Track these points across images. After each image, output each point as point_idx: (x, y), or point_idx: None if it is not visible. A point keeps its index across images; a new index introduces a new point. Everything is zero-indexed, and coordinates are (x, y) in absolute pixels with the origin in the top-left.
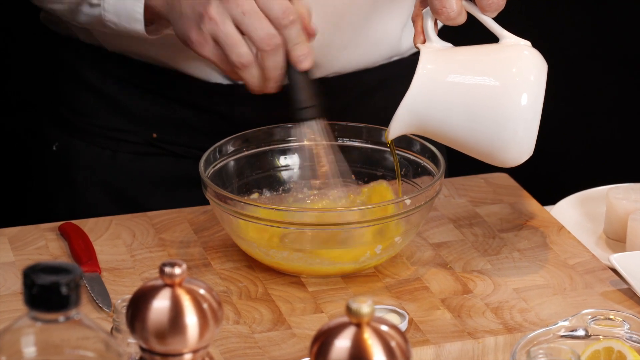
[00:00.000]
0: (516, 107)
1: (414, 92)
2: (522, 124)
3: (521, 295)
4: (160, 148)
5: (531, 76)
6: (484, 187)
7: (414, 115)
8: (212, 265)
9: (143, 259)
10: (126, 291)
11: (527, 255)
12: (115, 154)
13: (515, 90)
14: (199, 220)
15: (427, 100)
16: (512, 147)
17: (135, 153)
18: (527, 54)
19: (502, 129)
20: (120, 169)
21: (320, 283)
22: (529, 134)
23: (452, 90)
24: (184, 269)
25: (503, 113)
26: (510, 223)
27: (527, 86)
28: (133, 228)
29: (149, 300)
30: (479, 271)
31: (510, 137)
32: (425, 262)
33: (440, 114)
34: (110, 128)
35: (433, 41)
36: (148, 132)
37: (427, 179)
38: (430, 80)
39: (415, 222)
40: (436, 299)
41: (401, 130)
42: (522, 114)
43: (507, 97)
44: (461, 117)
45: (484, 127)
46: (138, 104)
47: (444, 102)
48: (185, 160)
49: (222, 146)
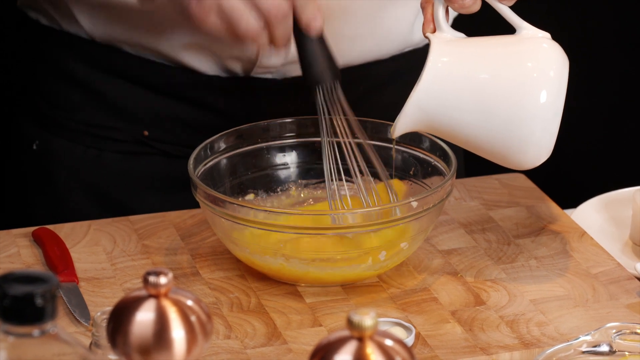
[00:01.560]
0: (534, 105)
1: (423, 86)
2: (540, 124)
3: (539, 307)
4: (151, 147)
5: (551, 71)
6: (499, 189)
7: (422, 111)
8: (201, 274)
9: (125, 267)
10: (106, 303)
11: (545, 264)
12: (101, 154)
13: (533, 87)
14: (187, 224)
15: (437, 95)
16: (529, 148)
17: (123, 152)
18: (547, 47)
19: (518, 129)
20: (107, 170)
21: (318, 293)
22: (547, 134)
23: (464, 85)
24: (170, 279)
25: (519, 112)
26: (527, 228)
27: (546, 82)
28: (114, 234)
29: (131, 312)
30: (493, 281)
31: (527, 137)
32: (434, 271)
33: (450, 111)
34: (96, 125)
35: (444, 30)
36: (138, 129)
37: (438, 179)
38: (441, 74)
39: (423, 226)
40: (446, 311)
41: (408, 127)
42: (540, 112)
43: (524, 94)
44: (474, 116)
45: (498, 127)
46: (127, 99)
47: (455, 98)
48: (179, 161)
49: (214, 143)
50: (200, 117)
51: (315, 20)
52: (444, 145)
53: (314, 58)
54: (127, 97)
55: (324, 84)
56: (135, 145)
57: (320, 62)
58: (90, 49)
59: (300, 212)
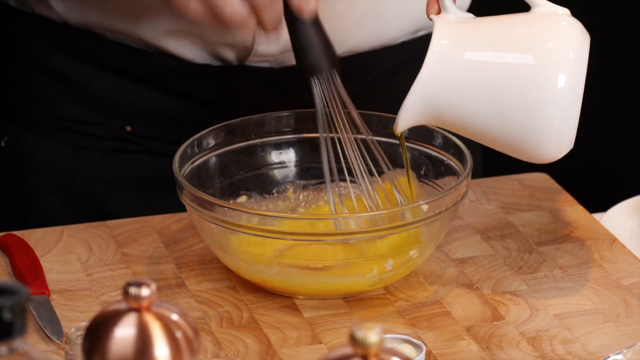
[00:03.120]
0: (552, 90)
1: (426, 74)
2: (559, 111)
3: (564, 323)
4: (134, 144)
5: (570, 52)
6: (519, 191)
7: (426, 102)
8: (187, 286)
9: (102, 278)
10: (81, 318)
11: (571, 274)
12: (78, 152)
13: (550, 70)
14: (171, 230)
15: (443, 83)
16: (548, 138)
17: (102, 150)
18: (566, 25)
19: (535, 117)
20: (84, 170)
21: (318, 307)
22: (567, 122)
23: (472, 71)
24: (152, 290)
25: (536, 98)
26: (551, 234)
27: (565, 65)
28: (89, 240)
29: (110, 328)
30: (513, 293)
31: (546, 126)
32: (447, 282)
33: (458, 100)
34: (72, 119)
35: (450, 11)
36: (119, 124)
37: (451, 179)
38: (446, 59)
39: (435, 232)
40: (460, 326)
41: (412, 121)
42: (559, 98)
43: (540, 78)
44: (485, 104)
45: (512, 115)
46: (107, 90)
47: (463, 85)
48: (165, 159)
49: (202, 139)
50: (188, 111)
51: (307, 3)
52: (458, 141)
53: (307, 45)
54: (106, 88)
55: (320, 74)
56: (116, 142)
57: (315, 49)
58: (65, 34)
59: (298, 216)
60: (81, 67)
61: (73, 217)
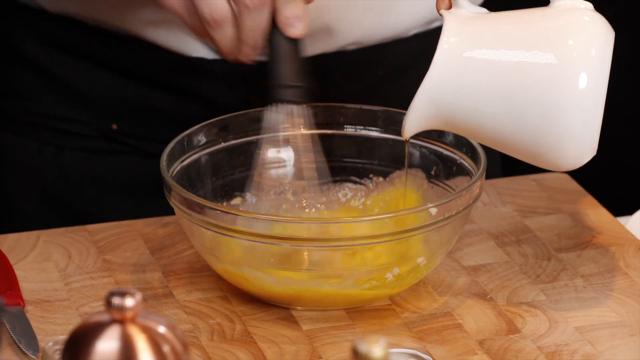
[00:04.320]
0: (573, 91)
1: (434, 74)
2: (580, 114)
3: (586, 337)
4: (120, 143)
5: (592, 50)
6: (536, 192)
7: (436, 104)
8: (175, 296)
9: (82, 287)
10: (59, 330)
11: (593, 283)
12: (60, 152)
13: (571, 70)
14: (158, 235)
15: (453, 84)
16: (569, 144)
17: (87, 150)
18: (588, 21)
19: (554, 121)
20: (67, 172)
21: (317, 319)
22: (589, 126)
23: (485, 71)
24: (137, 301)
25: (555, 100)
26: (572, 240)
27: (587, 64)
28: (68, 247)
29: (91, 341)
30: (530, 304)
31: (566, 131)
32: (458, 292)
33: (470, 103)
34: (53, 117)
35: (461, 6)
36: (105, 122)
37: (464, 180)
38: (457, 58)
39: (445, 238)
40: (472, 340)
41: (420, 125)
42: (580, 100)
43: (560, 78)
44: (499, 107)
45: (529, 119)
46: (92, 85)
47: (474, 87)
48: (154, 160)
49: (193, 135)
50: (180, 108)
51: (295, 25)
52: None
53: (280, 66)
54: (91, 82)
55: (282, 103)
56: (102, 141)
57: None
58: (45, 22)
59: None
60: (63, 60)
61: (53, 223)
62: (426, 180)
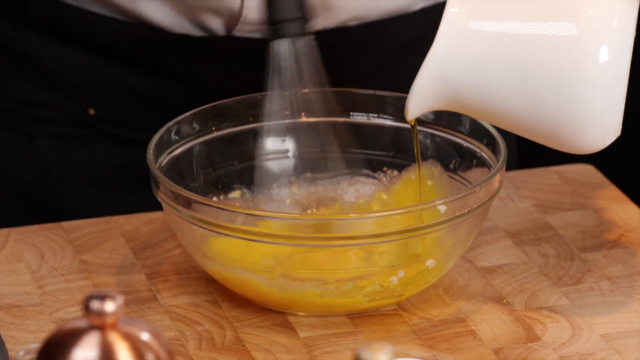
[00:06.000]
0: (593, 66)
1: (439, 48)
2: (601, 91)
3: (613, 345)
4: (97, 130)
5: (614, 20)
6: (558, 185)
7: (441, 82)
8: (160, 300)
9: (56, 291)
10: (31, 338)
11: (621, 286)
12: (31, 140)
13: (591, 42)
14: (141, 233)
15: (459, 60)
16: (589, 124)
17: (60, 138)
18: None
19: (572, 99)
20: (38, 161)
21: (316, 325)
22: (612, 104)
23: (495, 44)
24: (119, 305)
25: (574, 76)
26: (597, 238)
27: (608, 35)
28: (41, 246)
29: (67, 350)
30: (551, 309)
31: (586, 110)
32: (472, 295)
33: (479, 80)
34: (22, 101)
35: None
36: (80, 106)
37: (480, 172)
38: (463, 30)
39: (459, 238)
40: (487, 348)
41: (425, 104)
42: (601, 75)
43: (579, 52)
44: (511, 84)
45: (545, 97)
46: (65, 65)
47: (484, 62)
48: (135, 149)
49: (183, 124)
50: (164, 91)
51: None
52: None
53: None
54: (64, 62)
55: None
56: (76, 128)
57: (287, 4)
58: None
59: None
60: (32, 37)
61: (23, 218)
62: (445, 174)
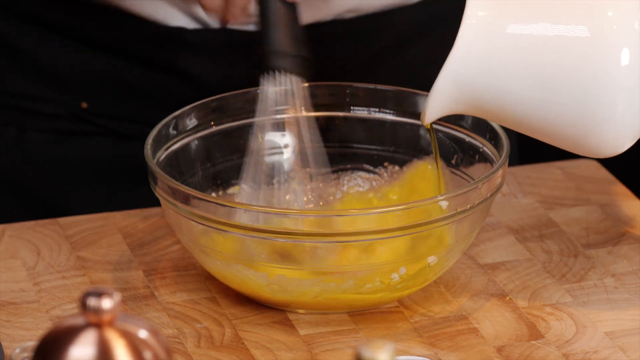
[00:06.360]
0: (613, 69)
1: (459, 52)
2: (622, 94)
3: (618, 343)
4: (91, 124)
5: (636, 22)
6: (562, 181)
7: (461, 86)
8: (158, 297)
9: (53, 288)
10: (27, 336)
11: (626, 283)
12: (23, 134)
13: (611, 45)
14: (138, 229)
15: (480, 64)
16: (609, 128)
17: (53, 132)
18: None
19: (592, 102)
20: (32, 156)
21: (316, 323)
22: (632, 107)
23: (516, 47)
24: (116, 302)
25: (594, 79)
26: (602, 234)
27: (629, 38)
28: (37, 242)
29: (63, 348)
30: (554, 306)
31: (606, 113)
32: (474, 292)
33: (499, 83)
34: (16, 94)
35: None
36: (74, 100)
37: (483, 168)
38: (484, 34)
39: (460, 234)
40: (490, 346)
41: (444, 109)
42: (622, 78)
43: (599, 54)
44: (531, 88)
45: (565, 101)
46: (59, 58)
47: (504, 65)
48: (131, 143)
49: (181, 118)
50: (157, 83)
51: None
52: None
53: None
54: (57, 55)
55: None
56: (70, 121)
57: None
58: None
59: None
60: (25, 30)
61: (17, 214)
62: (447, 170)
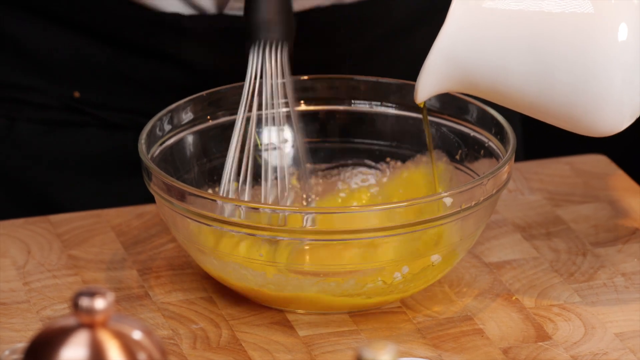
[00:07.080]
0: (611, 44)
1: (451, 27)
2: (619, 71)
3: (628, 344)
4: (83, 114)
5: None
6: (570, 177)
7: (453, 62)
8: (152, 297)
9: (43, 287)
10: (17, 337)
11: (636, 282)
12: (12, 125)
13: (609, 20)
14: (132, 227)
15: (472, 39)
16: (606, 105)
17: (44, 122)
18: None
19: (589, 79)
20: (21, 148)
21: (316, 323)
22: (630, 85)
23: (509, 22)
24: (109, 302)
25: (591, 55)
26: (611, 232)
27: (627, 12)
28: (27, 240)
29: (55, 349)
30: (562, 306)
31: (603, 90)
32: (479, 292)
33: (492, 59)
34: (4, 84)
35: None
36: (65, 89)
37: (488, 163)
38: (476, 8)
39: (465, 232)
40: (495, 348)
41: (436, 86)
42: (619, 54)
43: (596, 30)
44: (525, 64)
45: (560, 77)
46: (50, 46)
47: (497, 41)
48: (124, 134)
49: (176, 112)
50: (152, 72)
51: None
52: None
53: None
54: (48, 43)
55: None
56: (62, 112)
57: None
58: None
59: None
60: (14, 16)
61: (6, 209)
62: (451, 165)
